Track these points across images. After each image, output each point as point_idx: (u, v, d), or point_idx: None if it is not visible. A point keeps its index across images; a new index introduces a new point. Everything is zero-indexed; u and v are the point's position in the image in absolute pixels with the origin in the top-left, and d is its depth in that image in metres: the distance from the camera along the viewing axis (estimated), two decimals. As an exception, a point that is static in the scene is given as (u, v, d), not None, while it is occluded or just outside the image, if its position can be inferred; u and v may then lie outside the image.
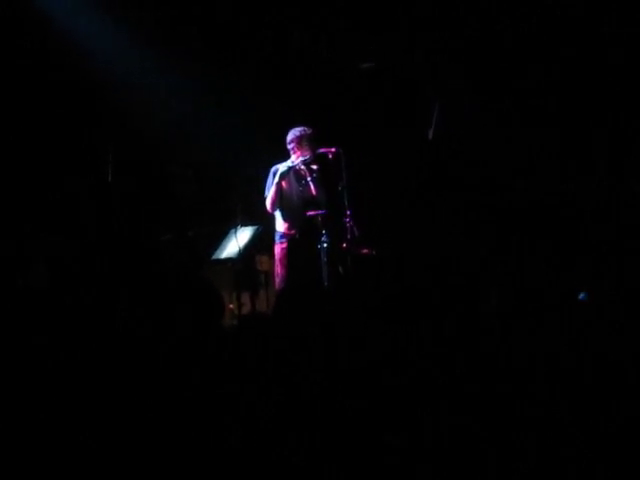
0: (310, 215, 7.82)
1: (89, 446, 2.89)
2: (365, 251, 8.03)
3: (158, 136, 8.84)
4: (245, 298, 8.20)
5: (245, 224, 8.43)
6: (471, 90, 8.65)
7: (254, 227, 8.43)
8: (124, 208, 8.45)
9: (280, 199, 7.88)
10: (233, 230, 8.28)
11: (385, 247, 8.18)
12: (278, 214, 7.96)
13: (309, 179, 7.93)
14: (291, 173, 7.95)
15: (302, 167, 7.94)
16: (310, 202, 7.91)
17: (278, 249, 7.99)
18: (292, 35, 9.04)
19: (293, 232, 7.92)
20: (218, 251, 8.42)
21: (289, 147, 7.98)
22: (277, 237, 8.01)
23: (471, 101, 8.64)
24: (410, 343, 3.29)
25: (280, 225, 7.97)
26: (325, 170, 8.01)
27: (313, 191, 7.91)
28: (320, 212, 7.81)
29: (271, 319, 3.82)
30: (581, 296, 5.39)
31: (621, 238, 7.56)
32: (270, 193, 7.86)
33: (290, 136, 7.97)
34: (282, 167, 7.87)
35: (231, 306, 8.03)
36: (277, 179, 7.82)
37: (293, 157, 7.96)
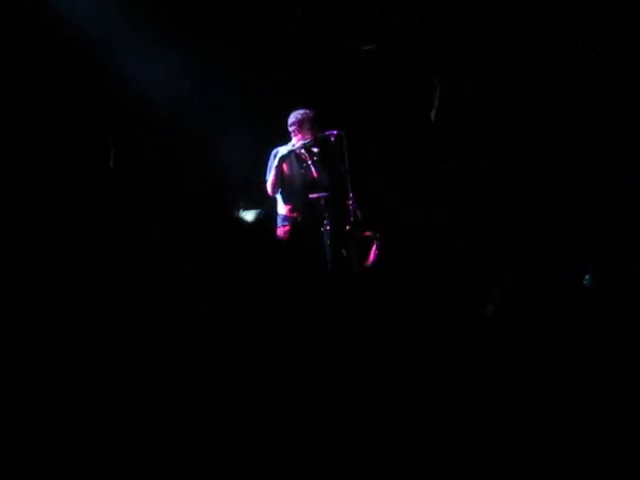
0: (312, 198, 7.79)
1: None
2: (368, 234, 8.02)
3: (158, 120, 8.80)
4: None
5: (248, 208, 8.45)
6: (473, 73, 8.61)
7: (257, 211, 8.44)
8: (128, 192, 8.42)
9: (281, 182, 7.85)
10: (236, 214, 8.29)
11: (388, 230, 8.18)
12: (279, 197, 7.94)
13: (310, 162, 7.89)
14: (292, 156, 7.91)
15: (303, 150, 7.90)
16: (312, 185, 7.87)
17: (281, 232, 7.96)
18: (294, 16, 8.99)
19: (295, 215, 7.89)
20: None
21: (290, 130, 7.95)
22: (279, 220, 7.98)
23: (473, 83, 8.60)
24: (411, 329, 3.29)
25: (282, 208, 7.95)
26: (327, 153, 7.97)
27: (314, 174, 7.87)
28: (323, 195, 7.78)
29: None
30: (586, 279, 5.39)
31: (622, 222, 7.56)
32: (270, 176, 7.83)
33: (292, 119, 7.94)
34: (283, 150, 7.83)
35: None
36: (277, 162, 7.78)
37: (294, 140, 7.93)
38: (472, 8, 8.45)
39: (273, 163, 7.79)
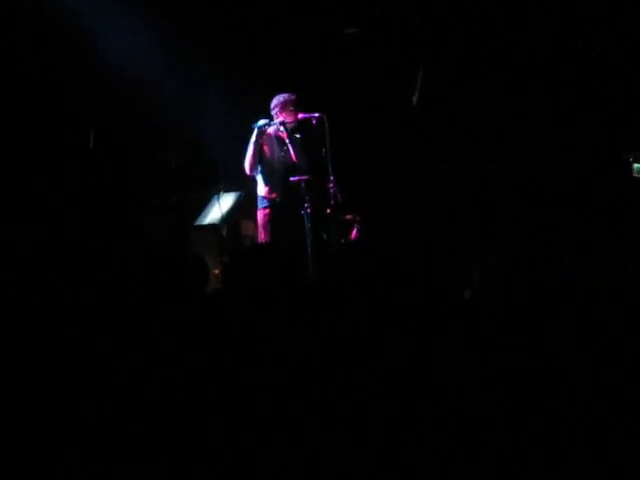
0: (293, 180, 7.77)
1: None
2: (348, 217, 8.03)
3: (138, 103, 8.74)
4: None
5: (228, 190, 8.43)
6: (455, 56, 8.60)
7: (237, 193, 8.43)
8: (106, 176, 8.39)
9: (260, 162, 7.83)
10: (216, 196, 8.26)
11: (368, 213, 8.20)
12: (260, 178, 7.91)
13: (290, 146, 7.85)
14: (273, 139, 7.89)
15: (282, 132, 7.86)
16: (292, 168, 7.86)
17: (261, 215, 7.94)
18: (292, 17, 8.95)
19: (274, 196, 7.86)
20: (201, 217, 8.42)
21: (272, 113, 7.93)
22: (259, 202, 7.96)
23: (456, 67, 8.59)
24: (394, 312, 3.29)
25: (261, 189, 7.93)
26: (308, 136, 7.96)
27: (293, 157, 7.85)
28: (303, 177, 7.77)
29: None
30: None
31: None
32: (248, 153, 7.78)
33: (274, 101, 7.91)
34: (260, 122, 7.78)
35: (216, 271, 8.01)
36: (254, 136, 7.74)
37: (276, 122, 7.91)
38: (472, 7, 8.43)
39: (252, 138, 7.75)
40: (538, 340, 3.01)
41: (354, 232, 8.07)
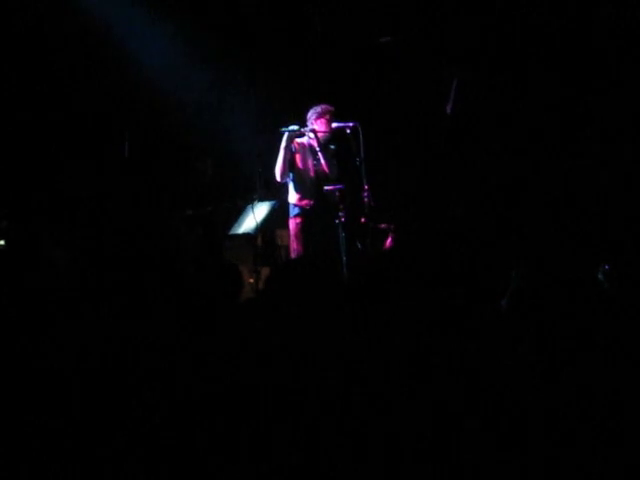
0: (328, 190, 7.79)
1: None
2: (383, 226, 8.03)
3: (175, 112, 8.82)
4: (265, 272, 8.20)
5: (263, 199, 8.45)
6: (488, 66, 8.59)
7: (271, 202, 8.45)
8: (142, 185, 8.45)
9: (292, 171, 7.85)
10: (251, 205, 8.29)
11: (403, 222, 8.19)
12: (291, 186, 7.94)
13: (320, 154, 7.86)
14: (306, 148, 7.91)
15: (313, 139, 7.86)
16: (323, 178, 7.88)
17: (292, 224, 7.95)
18: (309, 9, 8.97)
19: (305, 203, 7.88)
20: (236, 226, 8.46)
21: (308, 122, 7.95)
22: (291, 210, 7.97)
23: (488, 77, 8.58)
24: (423, 322, 3.29)
25: (292, 197, 7.94)
26: (343, 145, 7.97)
27: (325, 167, 7.87)
28: (338, 187, 7.78)
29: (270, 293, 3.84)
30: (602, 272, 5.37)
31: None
32: (278, 160, 7.80)
33: (310, 112, 7.93)
34: (290, 127, 7.79)
35: (251, 280, 8.04)
36: (285, 142, 7.76)
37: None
38: (506, 15, 8.42)
39: (282, 144, 7.78)
40: (545, 338, 3.02)
41: (389, 241, 8.07)
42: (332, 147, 8.00)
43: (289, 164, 7.83)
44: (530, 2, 8.47)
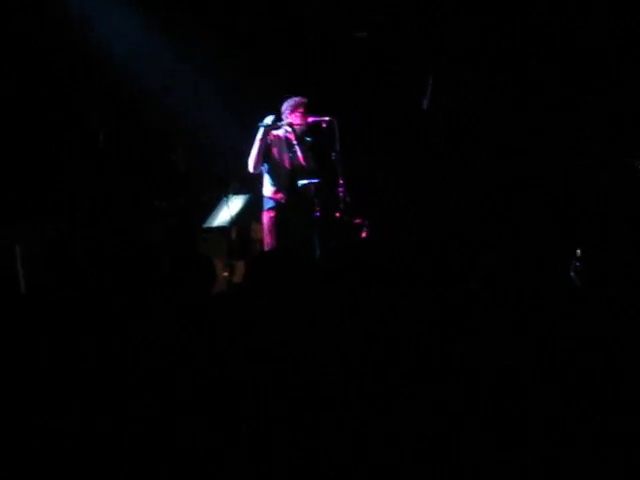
0: (303, 184, 7.77)
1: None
2: (358, 221, 8.01)
3: (148, 105, 8.77)
4: (240, 266, 8.18)
5: (237, 192, 8.42)
6: (466, 60, 8.59)
7: (246, 195, 8.42)
8: (115, 177, 8.39)
9: (267, 163, 7.81)
10: (225, 198, 8.26)
11: (378, 217, 8.19)
12: (266, 178, 7.89)
13: (297, 148, 7.83)
14: (282, 141, 7.88)
15: (290, 133, 7.83)
16: (299, 171, 7.85)
17: (266, 217, 7.89)
18: (286, 3, 8.95)
19: (279, 196, 7.84)
20: (210, 219, 8.42)
21: (282, 115, 7.91)
22: (265, 203, 7.92)
23: (466, 71, 8.59)
24: (399, 317, 3.28)
25: (267, 189, 7.89)
26: (318, 139, 7.95)
27: (301, 160, 7.84)
28: (313, 181, 7.76)
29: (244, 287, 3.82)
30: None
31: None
32: (252, 151, 7.75)
33: (284, 104, 7.90)
34: (267, 120, 7.75)
35: (225, 274, 8.02)
36: (261, 134, 7.71)
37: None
38: (484, 11, 8.43)
39: (258, 135, 7.73)
40: (535, 339, 3.02)
41: (363, 235, 8.06)
42: (308, 139, 7.97)
43: (264, 156, 7.79)
44: (530, 2, 8.47)
